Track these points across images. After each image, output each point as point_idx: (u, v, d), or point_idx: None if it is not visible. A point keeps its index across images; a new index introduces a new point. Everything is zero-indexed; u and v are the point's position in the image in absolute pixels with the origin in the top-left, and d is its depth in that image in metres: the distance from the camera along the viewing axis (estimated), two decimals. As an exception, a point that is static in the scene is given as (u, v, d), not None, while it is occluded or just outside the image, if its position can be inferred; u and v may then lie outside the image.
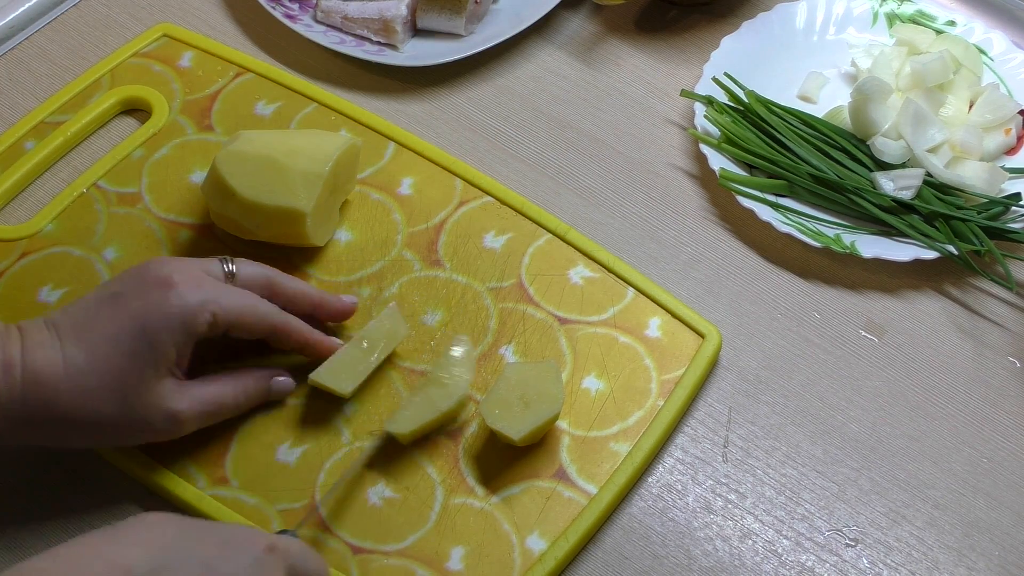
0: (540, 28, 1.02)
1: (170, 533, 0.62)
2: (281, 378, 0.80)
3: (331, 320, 0.82)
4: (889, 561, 0.76)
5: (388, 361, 0.82)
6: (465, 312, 0.84)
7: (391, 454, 0.78)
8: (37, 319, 0.73)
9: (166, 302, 0.72)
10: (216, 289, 0.75)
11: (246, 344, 0.79)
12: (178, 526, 0.63)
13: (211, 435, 0.78)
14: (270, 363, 0.80)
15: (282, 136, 0.87)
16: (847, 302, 0.87)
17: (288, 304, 0.80)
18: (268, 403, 0.80)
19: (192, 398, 0.75)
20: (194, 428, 0.76)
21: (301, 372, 0.80)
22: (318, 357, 0.80)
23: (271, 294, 0.79)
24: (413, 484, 0.77)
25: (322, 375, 0.78)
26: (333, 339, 0.81)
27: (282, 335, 0.78)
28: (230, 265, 0.78)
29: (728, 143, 0.92)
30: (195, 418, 0.75)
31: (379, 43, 1.00)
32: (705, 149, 0.92)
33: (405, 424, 0.77)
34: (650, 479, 0.79)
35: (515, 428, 0.76)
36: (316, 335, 0.80)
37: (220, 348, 0.79)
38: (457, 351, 0.79)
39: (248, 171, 0.83)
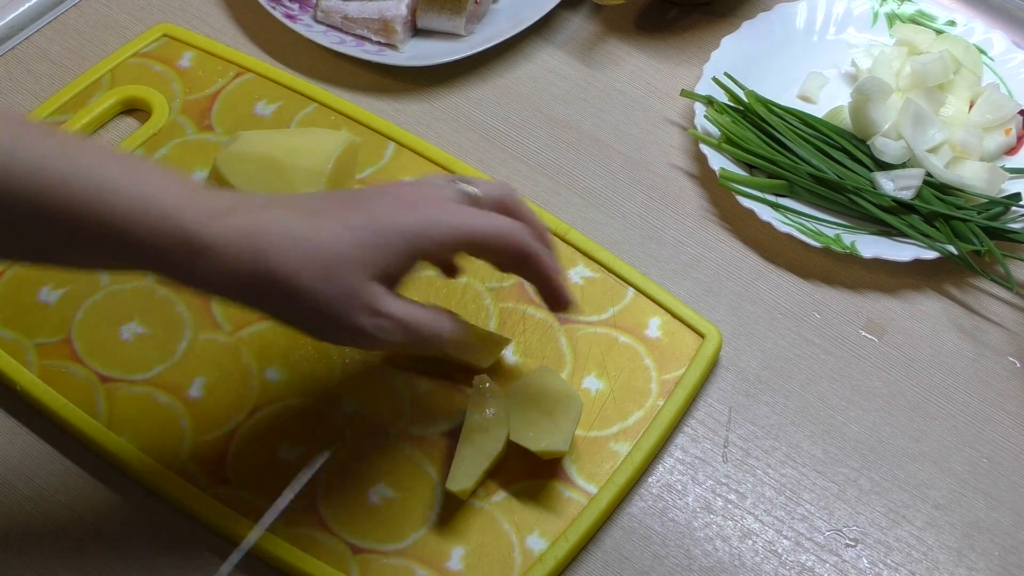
0: (540, 28, 1.02)
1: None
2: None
3: (550, 302, 0.74)
4: (889, 561, 0.76)
5: (389, 362, 0.82)
6: (465, 312, 0.84)
7: (391, 454, 0.78)
8: (257, 194, 0.70)
9: (411, 215, 0.68)
10: (460, 210, 0.69)
11: None
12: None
13: (211, 435, 0.78)
14: None
15: (282, 135, 0.87)
16: (847, 302, 0.87)
17: None
18: (267, 403, 0.80)
19: (401, 312, 0.68)
20: (388, 339, 0.68)
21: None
22: (555, 305, 0.74)
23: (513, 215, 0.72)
24: (413, 484, 0.77)
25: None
26: (566, 292, 0.74)
27: (530, 265, 0.71)
28: (473, 188, 0.71)
29: (728, 143, 0.92)
30: (398, 333, 0.68)
31: (379, 43, 1.00)
32: (705, 149, 0.92)
33: (465, 480, 0.75)
34: (650, 479, 0.79)
35: (559, 439, 0.75)
36: (562, 283, 0.73)
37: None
38: (486, 393, 0.78)
39: (250, 171, 0.83)
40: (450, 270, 0.79)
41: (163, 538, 0.76)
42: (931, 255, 0.86)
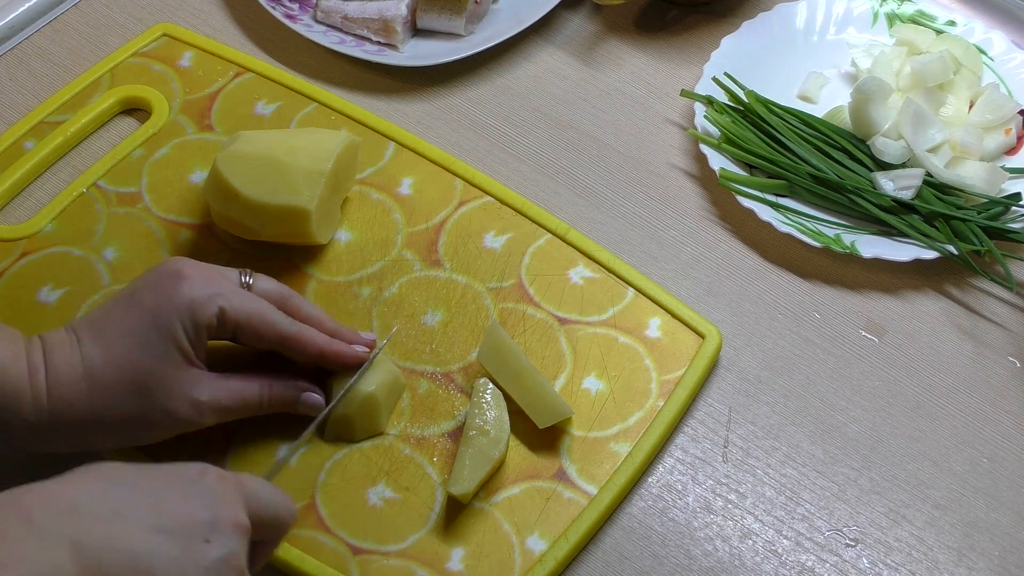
0: (540, 28, 1.02)
1: (117, 471, 0.60)
2: (312, 394, 0.78)
3: (335, 367, 0.79)
4: (889, 561, 0.76)
5: (388, 361, 0.82)
6: (465, 312, 0.84)
7: (392, 455, 0.78)
8: (59, 328, 0.74)
9: (177, 292, 0.72)
10: (228, 288, 0.75)
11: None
12: (125, 466, 0.61)
13: (211, 435, 0.78)
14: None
15: (282, 135, 0.87)
16: (847, 302, 0.87)
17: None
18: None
19: (215, 388, 0.74)
20: (216, 420, 0.74)
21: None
22: (341, 368, 0.78)
23: (285, 311, 0.77)
24: (413, 484, 0.77)
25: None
26: (355, 347, 0.79)
27: (294, 345, 0.76)
28: (247, 277, 0.77)
29: (728, 143, 0.92)
30: (217, 409, 0.74)
31: (379, 43, 1.00)
32: (705, 149, 0.92)
33: (467, 483, 0.75)
34: (650, 479, 0.79)
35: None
36: (336, 345, 0.78)
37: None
38: (487, 396, 0.78)
39: (250, 171, 0.83)
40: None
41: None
42: (931, 255, 0.86)
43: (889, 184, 0.89)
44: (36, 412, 0.71)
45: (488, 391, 0.78)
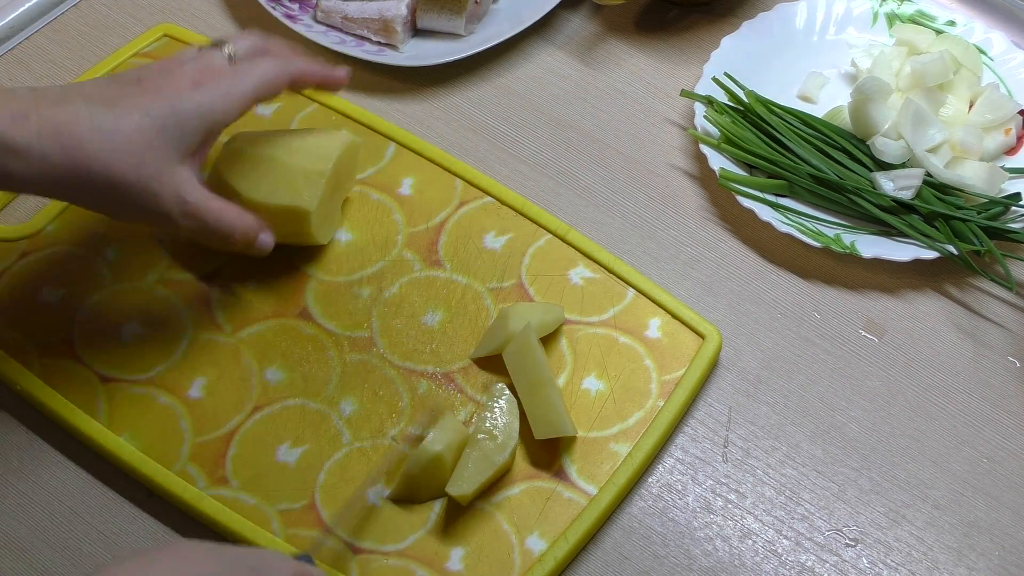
0: (540, 28, 1.02)
1: (202, 559, 0.62)
2: (267, 235, 0.81)
3: (327, 89, 0.85)
4: (889, 561, 0.76)
5: (388, 362, 0.82)
6: (465, 312, 0.84)
7: (391, 455, 0.78)
8: (51, 86, 0.75)
9: (200, 94, 0.75)
10: (235, 78, 0.77)
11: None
12: (209, 551, 0.63)
13: (211, 435, 0.78)
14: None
15: (282, 135, 0.87)
16: (847, 302, 0.87)
17: None
18: (267, 404, 0.80)
19: (204, 197, 0.77)
20: (192, 226, 0.77)
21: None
22: (336, 88, 0.85)
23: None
24: (413, 484, 0.77)
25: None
26: (340, 67, 0.84)
27: (300, 81, 0.81)
28: (229, 48, 0.80)
29: (728, 143, 0.92)
30: (198, 213, 0.76)
31: (379, 43, 1.00)
32: (705, 149, 0.92)
33: (467, 485, 0.75)
34: (650, 479, 0.79)
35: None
36: (330, 69, 0.83)
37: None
38: (502, 402, 0.78)
39: (250, 171, 0.83)
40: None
41: (163, 538, 0.76)
42: (931, 255, 0.86)
43: (889, 184, 0.89)
44: (28, 154, 0.70)
45: (503, 397, 0.78)
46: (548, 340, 0.83)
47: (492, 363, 0.82)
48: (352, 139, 0.87)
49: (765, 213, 0.88)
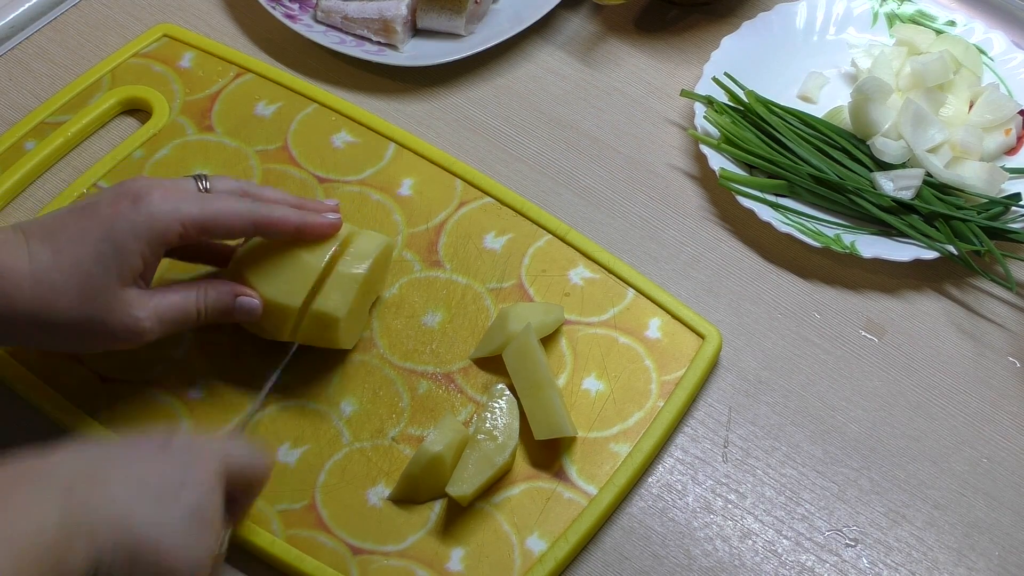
0: (540, 28, 1.02)
1: (97, 447, 0.66)
2: (247, 298, 0.77)
3: (313, 238, 0.78)
4: (889, 561, 0.76)
5: (388, 362, 0.82)
6: (465, 313, 0.84)
7: (391, 455, 0.78)
8: (5, 227, 0.74)
9: (136, 210, 0.72)
10: (188, 197, 0.74)
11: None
12: (103, 442, 0.66)
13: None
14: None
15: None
16: (847, 302, 0.87)
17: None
18: (267, 404, 0.80)
19: (154, 306, 0.74)
20: (156, 337, 0.75)
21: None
22: (319, 239, 0.78)
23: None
24: (413, 484, 0.77)
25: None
26: (327, 216, 0.78)
27: (269, 227, 0.76)
28: (204, 182, 0.77)
29: (728, 143, 0.92)
30: (156, 328, 0.74)
31: (379, 43, 1.00)
32: (705, 149, 0.92)
33: (466, 486, 0.74)
34: (650, 479, 0.79)
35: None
36: (308, 217, 0.77)
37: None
38: (502, 403, 0.78)
39: (270, 270, 0.78)
40: (214, 257, 0.81)
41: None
42: (931, 255, 0.86)
43: (889, 184, 0.89)
44: None
45: (504, 398, 0.78)
46: (548, 340, 0.83)
47: (492, 363, 0.82)
48: (388, 241, 0.81)
49: (765, 213, 0.88)
